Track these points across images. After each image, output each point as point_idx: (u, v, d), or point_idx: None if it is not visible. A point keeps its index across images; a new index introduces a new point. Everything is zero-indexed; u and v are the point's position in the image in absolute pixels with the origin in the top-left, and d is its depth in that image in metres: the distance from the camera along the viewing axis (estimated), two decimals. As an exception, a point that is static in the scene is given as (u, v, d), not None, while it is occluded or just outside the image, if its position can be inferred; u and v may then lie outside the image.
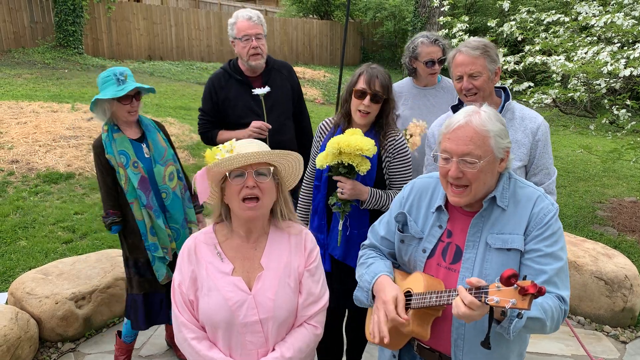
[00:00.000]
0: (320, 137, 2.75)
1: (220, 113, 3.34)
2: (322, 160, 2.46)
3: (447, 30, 5.60)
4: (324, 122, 2.78)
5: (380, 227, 2.00)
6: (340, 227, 2.55)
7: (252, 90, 3.15)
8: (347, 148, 2.33)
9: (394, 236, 1.92)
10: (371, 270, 1.86)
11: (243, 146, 1.78)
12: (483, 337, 1.66)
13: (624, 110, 4.96)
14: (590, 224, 5.58)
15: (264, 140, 2.83)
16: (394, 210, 1.93)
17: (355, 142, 2.32)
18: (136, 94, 2.79)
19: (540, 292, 1.32)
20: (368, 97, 2.47)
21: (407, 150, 2.60)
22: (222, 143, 3.39)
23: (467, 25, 5.35)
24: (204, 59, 16.74)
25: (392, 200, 2.54)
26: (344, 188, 2.45)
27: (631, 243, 5.03)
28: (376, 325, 1.72)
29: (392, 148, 2.56)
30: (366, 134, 2.54)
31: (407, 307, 1.71)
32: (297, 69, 16.16)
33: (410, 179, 2.60)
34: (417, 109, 3.34)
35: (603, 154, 6.43)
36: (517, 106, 2.56)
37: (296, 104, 3.48)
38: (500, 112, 2.51)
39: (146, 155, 2.85)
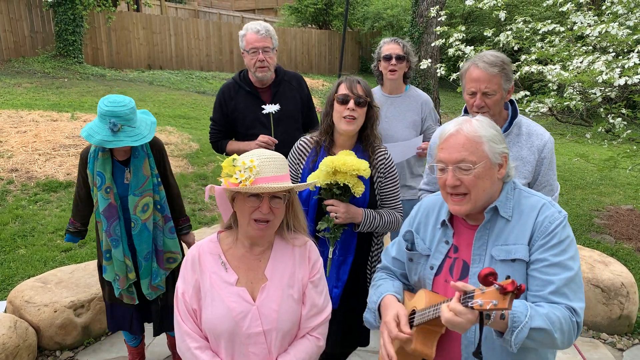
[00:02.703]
0: (300, 159, 2.54)
1: (229, 123, 3.38)
2: (313, 179, 2.31)
3: (444, 39, 5.65)
4: (301, 141, 2.57)
5: (392, 249, 1.99)
6: (330, 255, 2.36)
7: (262, 107, 3.10)
8: (343, 167, 2.19)
9: (404, 256, 1.91)
10: (378, 292, 1.87)
11: (264, 165, 1.71)
12: (495, 356, 1.63)
13: (619, 119, 4.99)
14: (587, 231, 5.60)
15: None
16: (404, 230, 1.93)
17: (352, 162, 2.21)
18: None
19: (519, 290, 1.30)
20: (352, 101, 2.33)
21: (395, 168, 2.54)
22: (232, 153, 3.43)
23: (464, 35, 5.40)
24: (203, 68, 16.82)
25: (386, 220, 2.48)
26: (338, 212, 2.29)
27: (628, 251, 5.05)
28: (382, 347, 1.71)
29: (383, 166, 2.47)
30: (354, 151, 2.43)
31: (410, 326, 1.69)
32: (295, 78, 16.20)
33: (399, 196, 2.57)
34: (384, 117, 3.27)
35: (599, 162, 6.47)
36: (524, 121, 2.47)
37: (305, 114, 3.48)
38: (508, 128, 2.42)
39: (125, 181, 2.73)
